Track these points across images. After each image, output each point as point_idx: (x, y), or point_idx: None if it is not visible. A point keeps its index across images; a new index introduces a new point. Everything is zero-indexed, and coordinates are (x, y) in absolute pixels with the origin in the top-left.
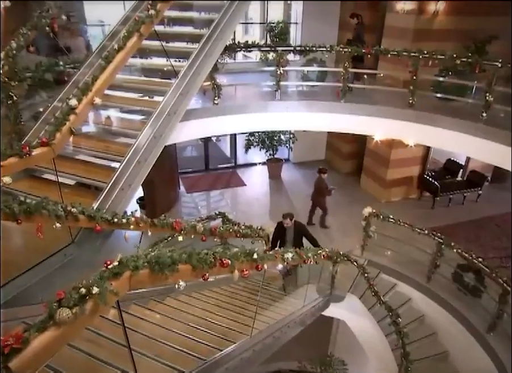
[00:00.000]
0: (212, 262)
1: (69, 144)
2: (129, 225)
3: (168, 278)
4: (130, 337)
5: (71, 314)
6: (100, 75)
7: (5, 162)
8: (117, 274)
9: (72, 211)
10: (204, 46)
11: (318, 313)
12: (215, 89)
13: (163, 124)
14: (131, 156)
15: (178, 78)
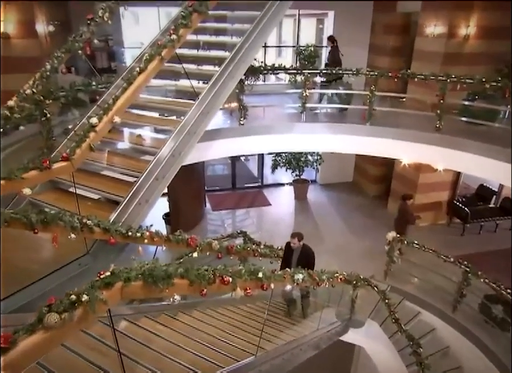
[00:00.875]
0: (210, 278)
1: (93, 160)
2: (143, 240)
3: (163, 291)
4: (137, 349)
5: (59, 320)
6: (121, 95)
7: (27, 175)
8: (109, 284)
9: (87, 223)
10: (226, 69)
11: (336, 338)
12: (242, 109)
13: (182, 143)
14: (149, 172)
15: (199, 99)
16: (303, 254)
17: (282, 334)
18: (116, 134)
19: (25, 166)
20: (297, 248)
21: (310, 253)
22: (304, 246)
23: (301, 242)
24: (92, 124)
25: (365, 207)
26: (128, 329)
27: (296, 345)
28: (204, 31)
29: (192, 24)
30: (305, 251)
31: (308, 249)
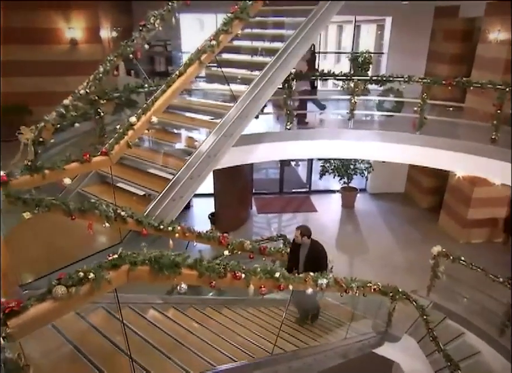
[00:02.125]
0: (221, 272)
1: (135, 156)
2: (174, 234)
3: (170, 279)
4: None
5: (66, 292)
6: (160, 97)
7: (68, 166)
8: (115, 265)
9: (121, 214)
10: (266, 74)
11: (368, 350)
12: (288, 114)
13: (218, 144)
14: (184, 170)
15: (237, 102)
16: (311, 253)
17: (306, 338)
18: (157, 132)
19: (67, 158)
20: (305, 245)
21: (320, 252)
22: (313, 243)
23: (305, 237)
24: (131, 123)
25: (415, 219)
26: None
27: (320, 351)
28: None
29: (232, 30)
30: (314, 250)
31: (318, 246)
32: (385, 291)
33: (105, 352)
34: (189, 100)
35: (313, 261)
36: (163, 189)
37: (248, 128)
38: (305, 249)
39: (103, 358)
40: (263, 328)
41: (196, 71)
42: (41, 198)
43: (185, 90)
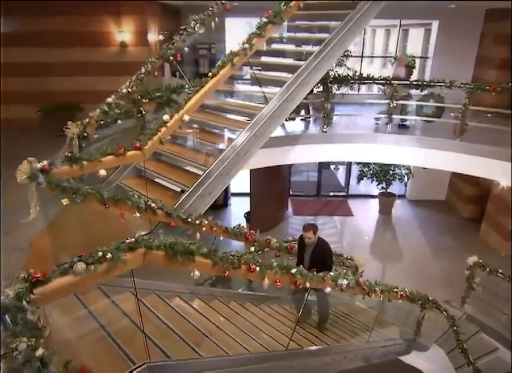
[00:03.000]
0: (234, 262)
1: (171, 153)
2: (201, 227)
3: (184, 265)
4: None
5: (85, 269)
6: (193, 97)
7: (104, 159)
8: (132, 248)
9: (151, 205)
10: (299, 76)
11: (393, 356)
12: (325, 117)
13: (249, 143)
14: (214, 168)
15: (268, 103)
16: (317, 251)
17: (327, 338)
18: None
19: (104, 151)
20: (311, 244)
21: (326, 250)
22: (319, 240)
23: (315, 235)
24: (164, 120)
25: (455, 228)
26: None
27: (340, 351)
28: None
29: (265, 34)
30: (320, 248)
31: (324, 244)
32: (413, 298)
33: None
34: (225, 100)
35: (320, 259)
36: (192, 184)
37: (284, 130)
38: (311, 246)
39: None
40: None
41: (228, 72)
42: (78, 186)
43: (223, 91)
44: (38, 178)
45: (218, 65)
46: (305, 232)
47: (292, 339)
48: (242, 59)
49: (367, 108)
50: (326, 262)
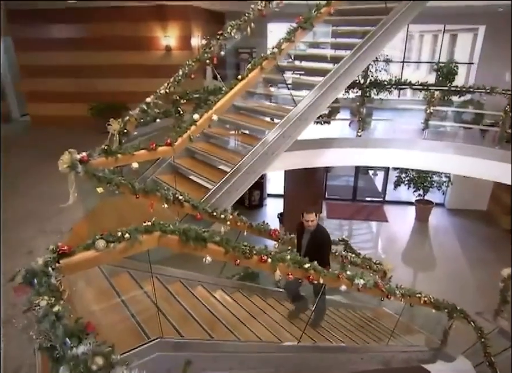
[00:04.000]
0: (246, 252)
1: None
2: (226, 221)
3: (197, 250)
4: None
5: (105, 246)
6: (222, 98)
7: (137, 153)
8: (148, 231)
9: (179, 198)
10: (328, 80)
11: (416, 363)
12: (361, 121)
13: (276, 144)
14: (241, 165)
15: (296, 106)
16: (314, 238)
17: (345, 337)
18: (223, 130)
19: (137, 146)
20: (309, 230)
21: (324, 237)
22: (319, 227)
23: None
24: (194, 119)
25: (494, 240)
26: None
27: (355, 351)
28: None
29: (295, 39)
30: (318, 235)
31: (322, 231)
32: (438, 305)
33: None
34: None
35: (317, 246)
36: (219, 180)
37: (318, 133)
38: (309, 232)
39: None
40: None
41: (257, 75)
42: (112, 177)
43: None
44: (77, 168)
45: (247, 68)
46: (307, 214)
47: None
48: (271, 63)
49: (407, 114)
50: (323, 250)
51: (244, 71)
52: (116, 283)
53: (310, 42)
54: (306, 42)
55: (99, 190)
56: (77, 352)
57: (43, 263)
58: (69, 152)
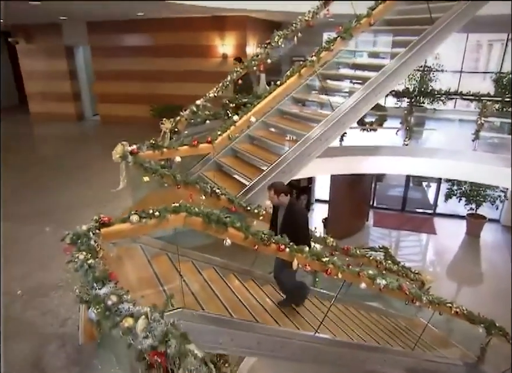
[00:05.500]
0: (264, 239)
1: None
2: (259, 216)
3: (218, 233)
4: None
5: (138, 220)
6: (261, 102)
7: (180, 148)
8: (176, 211)
9: (216, 191)
10: (369, 86)
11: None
12: (408, 130)
13: (312, 145)
14: (277, 164)
15: (334, 111)
16: (286, 215)
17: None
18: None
19: (181, 142)
20: (283, 206)
21: (296, 215)
22: (291, 203)
23: (282, 195)
24: (234, 120)
25: None
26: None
27: (375, 350)
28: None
29: (334, 48)
30: (290, 212)
31: (294, 208)
32: (472, 318)
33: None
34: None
35: (288, 226)
36: (255, 178)
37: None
38: (281, 212)
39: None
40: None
41: (295, 82)
42: (157, 168)
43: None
44: (128, 158)
45: (286, 75)
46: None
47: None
48: (309, 71)
49: (461, 124)
50: (296, 229)
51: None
52: (154, 263)
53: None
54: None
55: (145, 178)
56: (100, 292)
57: (87, 229)
58: (122, 144)
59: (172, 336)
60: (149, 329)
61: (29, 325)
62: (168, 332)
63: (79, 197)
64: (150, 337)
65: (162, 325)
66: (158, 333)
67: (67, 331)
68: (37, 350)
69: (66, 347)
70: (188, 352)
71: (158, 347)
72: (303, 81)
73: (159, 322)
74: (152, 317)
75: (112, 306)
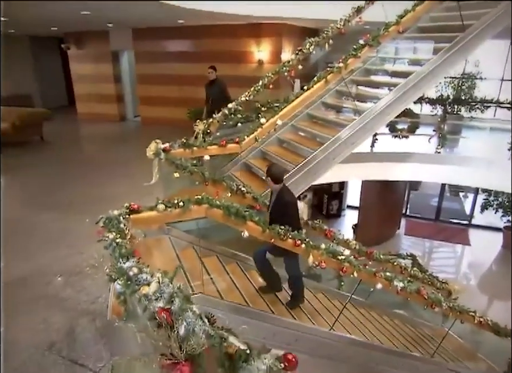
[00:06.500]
0: (280, 234)
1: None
2: None
3: (238, 225)
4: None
5: (164, 209)
6: (287, 105)
7: (209, 147)
8: (198, 202)
9: (242, 189)
10: (397, 92)
11: None
12: (441, 138)
13: (338, 149)
14: (302, 166)
15: (361, 116)
16: (276, 202)
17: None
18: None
19: (210, 142)
20: (274, 191)
21: (285, 202)
22: (282, 190)
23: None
24: (260, 123)
25: None
26: None
27: (394, 355)
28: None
29: (361, 55)
30: (280, 199)
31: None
32: (498, 330)
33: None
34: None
35: (277, 211)
36: None
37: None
38: (275, 194)
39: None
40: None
41: (321, 87)
42: (187, 165)
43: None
44: (160, 155)
45: (313, 80)
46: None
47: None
48: (336, 77)
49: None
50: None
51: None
52: (181, 254)
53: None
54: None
55: (175, 175)
56: (124, 266)
57: (118, 213)
58: (155, 142)
59: (177, 296)
60: (159, 292)
61: (65, 301)
62: (174, 294)
63: (116, 191)
64: (161, 300)
65: (170, 288)
66: (167, 295)
67: (97, 308)
68: (71, 322)
69: (95, 322)
70: (187, 308)
71: (165, 306)
72: (332, 86)
73: (168, 286)
74: (162, 281)
75: (133, 277)
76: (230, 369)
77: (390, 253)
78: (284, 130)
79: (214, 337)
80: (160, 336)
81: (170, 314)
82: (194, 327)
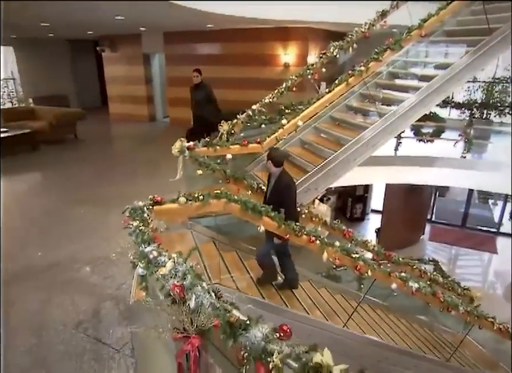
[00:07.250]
0: (296, 230)
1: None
2: (300, 214)
3: (254, 220)
4: None
5: (185, 202)
6: (308, 107)
7: (232, 146)
8: (217, 197)
9: (262, 187)
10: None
11: None
12: (467, 142)
13: (358, 150)
14: (322, 166)
15: (381, 119)
16: (274, 190)
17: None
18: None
19: (232, 142)
20: (274, 175)
21: (282, 191)
22: (282, 174)
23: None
24: (282, 124)
25: None
26: None
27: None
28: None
29: (382, 59)
30: (279, 183)
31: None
32: None
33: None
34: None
35: (276, 195)
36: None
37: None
38: (274, 179)
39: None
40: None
41: (342, 89)
42: (209, 162)
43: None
44: (185, 153)
45: (334, 83)
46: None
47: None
48: (357, 80)
49: None
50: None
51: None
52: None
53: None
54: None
55: (198, 172)
56: (145, 250)
57: (142, 204)
58: (180, 140)
59: (189, 273)
60: (174, 270)
61: (93, 286)
62: (187, 271)
63: (143, 187)
64: (175, 277)
65: (183, 267)
66: (180, 272)
67: (121, 293)
68: (96, 305)
69: (119, 305)
70: (197, 283)
71: (178, 282)
72: (356, 89)
73: (182, 265)
74: (177, 260)
75: (153, 259)
76: (231, 335)
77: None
78: (306, 131)
79: (219, 309)
80: (174, 310)
81: (182, 290)
82: (202, 300)
